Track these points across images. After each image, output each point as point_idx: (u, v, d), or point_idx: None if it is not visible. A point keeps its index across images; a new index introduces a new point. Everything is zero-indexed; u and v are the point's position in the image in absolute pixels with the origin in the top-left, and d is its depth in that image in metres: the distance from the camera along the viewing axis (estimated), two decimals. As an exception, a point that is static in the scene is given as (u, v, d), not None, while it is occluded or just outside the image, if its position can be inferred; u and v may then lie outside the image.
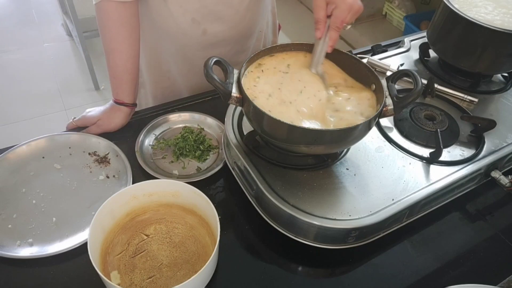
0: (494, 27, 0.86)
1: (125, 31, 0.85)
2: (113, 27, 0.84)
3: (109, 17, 0.83)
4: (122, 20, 0.83)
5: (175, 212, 0.72)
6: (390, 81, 0.70)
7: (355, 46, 2.92)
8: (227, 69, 0.69)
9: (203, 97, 0.99)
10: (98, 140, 0.86)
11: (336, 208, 0.67)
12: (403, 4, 2.92)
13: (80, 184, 0.79)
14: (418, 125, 0.82)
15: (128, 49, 0.86)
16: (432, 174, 0.73)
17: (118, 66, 0.87)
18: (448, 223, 0.78)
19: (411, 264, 0.72)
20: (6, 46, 2.79)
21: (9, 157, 0.81)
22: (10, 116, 2.33)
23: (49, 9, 3.12)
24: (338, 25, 0.71)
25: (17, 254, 0.68)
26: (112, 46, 0.86)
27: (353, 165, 0.74)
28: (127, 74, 0.88)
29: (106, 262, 0.65)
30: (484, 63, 0.94)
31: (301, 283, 0.69)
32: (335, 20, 0.70)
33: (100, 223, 0.65)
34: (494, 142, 0.81)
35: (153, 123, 0.90)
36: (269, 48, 0.76)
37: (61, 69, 2.66)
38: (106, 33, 0.85)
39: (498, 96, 0.96)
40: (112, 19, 0.83)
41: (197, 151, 0.85)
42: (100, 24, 0.84)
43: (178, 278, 0.64)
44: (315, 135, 0.64)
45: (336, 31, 0.71)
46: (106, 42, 0.86)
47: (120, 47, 0.86)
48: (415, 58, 1.05)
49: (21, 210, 0.74)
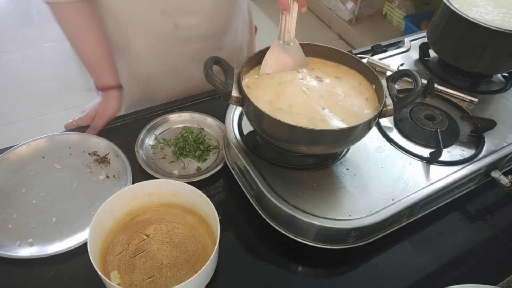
0: (494, 27, 0.86)
1: (84, 19, 0.87)
2: (71, 18, 0.86)
3: (64, 10, 0.85)
4: (77, 9, 0.85)
5: (175, 212, 0.72)
6: (390, 81, 0.70)
7: (355, 46, 2.92)
8: (227, 69, 0.69)
9: (203, 97, 0.99)
10: (98, 140, 0.86)
11: (336, 208, 0.67)
12: (403, 4, 2.92)
13: (80, 184, 0.79)
14: (418, 125, 0.82)
15: (94, 35, 0.88)
16: (432, 174, 0.73)
17: (91, 53, 0.89)
18: (448, 223, 0.78)
19: (411, 264, 0.72)
20: (6, 46, 2.79)
21: (9, 157, 0.81)
22: (10, 116, 2.32)
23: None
24: None
25: (17, 254, 0.68)
26: (77, 37, 0.88)
27: (353, 165, 0.74)
28: (103, 58, 0.90)
29: (106, 262, 0.65)
30: (484, 63, 0.94)
31: (301, 283, 0.69)
32: None
33: (100, 223, 0.65)
34: (494, 142, 0.81)
35: (153, 123, 0.90)
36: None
37: (61, 69, 2.66)
38: (67, 27, 0.87)
39: (498, 96, 0.96)
40: (68, 11, 0.85)
41: (197, 151, 0.85)
42: (59, 21, 0.87)
43: (178, 278, 0.64)
44: (315, 135, 0.64)
45: None
46: (71, 36, 0.88)
47: (85, 34, 0.88)
48: (415, 58, 1.05)
49: (21, 210, 0.74)
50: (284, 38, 0.73)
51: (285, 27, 0.72)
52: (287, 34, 0.73)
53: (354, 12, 2.98)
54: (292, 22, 0.72)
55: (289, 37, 0.73)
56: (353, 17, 3.01)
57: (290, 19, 0.71)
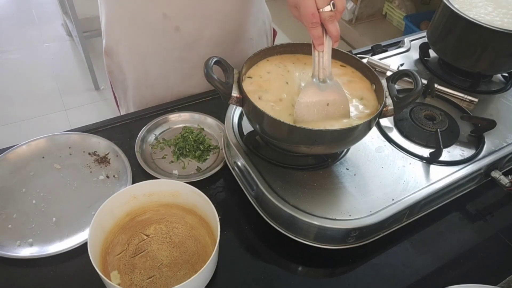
0: (494, 27, 0.86)
1: None
2: None
3: None
4: None
5: (175, 212, 0.72)
6: (390, 81, 0.70)
7: (355, 46, 2.92)
8: (227, 69, 0.69)
9: (203, 97, 0.99)
10: (98, 140, 0.86)
11: (336, 208, 0.67)
12: (403, 4, 2.93)
13: (80, 184, 0.79)
14: (418, 125, 0.82)
15: None
16: (432, 174, 0.74)
17: None
18: (448, 223, 0.78)
19: (411, 264, 0.72)
20: (6, 46, 2.79)
21: (9, 157, 0.81)
22: (10, 116, 2.33)
23: (49, 9, 3.13)
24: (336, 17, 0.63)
25: (17, 254, 0.68)
26: None
27: (353, 165, 0.74)
28: None
29: (106, 262, 0.65)
30: (484, 63, 0.94)
31: (301, 283, 0.69)
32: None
33: (100, 223, 0.65)
34: (494, 142, 0.81)
35: (153, 123, 0.90)
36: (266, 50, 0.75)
37: (61, 69, 2.67)
38: None
39: (498, 96, 0.96)
40: None
41: (197, 151, 0.85)
42: None
43: (178, 278, 0.64)
44: (315, 135, 0.64)
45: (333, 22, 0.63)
46: None
47: None
48: (415, 58, 1.05)
49: (21, 210, 0.74)
50: (320, 76, 0.67)
51: (319, 64, 0.66)
52: (322, 71, 0.67)
53: (354, 12, 2.99)
54: (327, 58, 0.66)
55: (324, 74, 0.67)
56: (353, 17, 3.01)
57: (324, 55, 0.65)
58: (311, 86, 0.67)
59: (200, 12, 0.90)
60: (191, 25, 0.92)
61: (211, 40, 0.96)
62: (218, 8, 0.91)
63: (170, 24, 0.91)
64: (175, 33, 0.92)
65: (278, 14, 1.17)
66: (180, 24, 0.91)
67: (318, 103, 0.66)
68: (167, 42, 0.94)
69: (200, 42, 0.95)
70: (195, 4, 0.89)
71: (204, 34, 0.94)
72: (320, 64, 0.66)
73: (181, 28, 0.92)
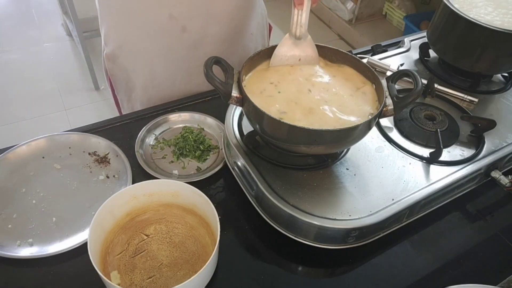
0: (494, 27, 0.86)
1: None
2: None
3: None
4: None
5: (175, 212, 0.72)
6: (390, 81, 0.70)
7: (355, 46, 2.92)
8: (227, 69, 0.69)
9: (203, 97, 0.99)
10: (98, 140, 0.86)
11: (336, 208, 0.67)
12: (403, 4, 2.93)
13: (80, 184, 0.79)
14: (418, 125, 0.82)
15: None
16: (432, 174, 0.74)
17: None
18: (448, 223, 0.78)
19: (411, 264, 0.72)
20: (6, 46, 2.79)
21: (9, 157, 0.81)
22: (10, 116, 2.33)
23: (49, 9, 3.13)
24: None
25: (17, 254, 0.68)
26: None
27: (353, 165, 0.74)
28: None
29: (106, 262, 0.65)
30: (484, 63, 0.94)
31: (301, 283, 0.69)
32: None
33: (100, 223, 0.65)
34: (494, 142, 0.81)
35: (153, 123, 0.90)
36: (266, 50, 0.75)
37: (61, 69, 2.67)
38: None
39: (498, 96, 0.96)
40: None
41: (197, 151, 0.85)
42: None
43: (178, 278, 0.64)
44: (315, 135, 0.64)
45: None
46: None
47: None
48: (415, 58, 1.05)
49: (21, 210, 0.74)
50: (296, 33, 0.73)
51: (297, 22, 0.72)
52: (299, 29, 0.72)
53: (354, 12, 2.99)
54: (304, 16, 0.71)
55: (300, 32, 0.73)
56: (353, 17, 3.01)
57: (302, 13, 0.71)
58: (287, 41, 0.74)
59: (206, 10, 0.90)
60: (197, 24, 0.92)
61: (216, 37, 0.96)
62: (223, 5, 0.91)
63: (176, 24, 0.91)
64: (182, 33, 0.93)
65: (272, 11, 1.17)
66: (186, 24, 0.91)
67: (292, 57, 0.74)
68: (174, 42, 0.95)
69: (206, 40, 0.96)
70: (201, 2, 0.89)
71: (209, 32, 0.94)
72: (298, 21, 0.72)
73: (187, 28, 0.92)
